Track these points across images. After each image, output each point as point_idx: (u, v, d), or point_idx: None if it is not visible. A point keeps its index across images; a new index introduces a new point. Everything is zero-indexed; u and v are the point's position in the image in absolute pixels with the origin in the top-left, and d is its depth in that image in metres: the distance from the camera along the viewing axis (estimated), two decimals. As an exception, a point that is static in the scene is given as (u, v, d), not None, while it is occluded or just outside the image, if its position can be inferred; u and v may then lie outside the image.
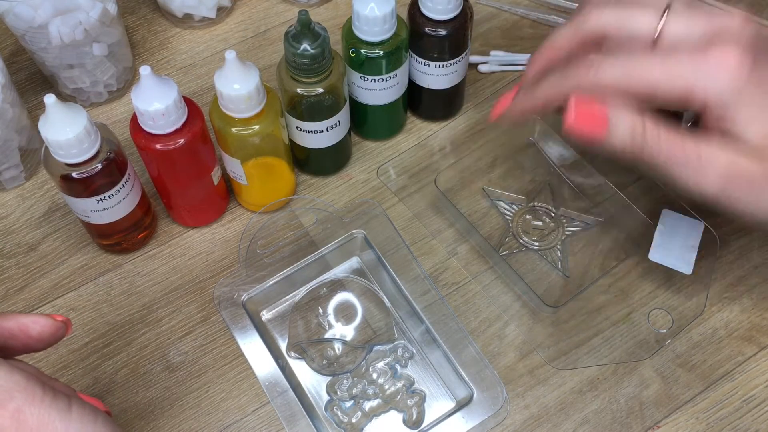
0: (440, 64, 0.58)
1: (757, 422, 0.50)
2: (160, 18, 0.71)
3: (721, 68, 0.38)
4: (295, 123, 0.56)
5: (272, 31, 0.70)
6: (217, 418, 0.51)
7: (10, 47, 0.69)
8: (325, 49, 0.51)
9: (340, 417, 0.50)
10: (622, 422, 0.50)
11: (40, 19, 0.56)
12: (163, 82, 0.49)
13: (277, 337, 0.54)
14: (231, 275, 0.54)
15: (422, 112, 0.64)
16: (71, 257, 0.58)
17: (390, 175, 0.61)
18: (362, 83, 0.57)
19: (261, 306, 0.55)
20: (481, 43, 0.69)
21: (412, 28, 0.56)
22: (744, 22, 0.40)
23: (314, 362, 0.52)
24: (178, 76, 0.67)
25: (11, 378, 0.34)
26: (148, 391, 0.52)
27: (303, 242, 0.56)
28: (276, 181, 0.58)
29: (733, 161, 0.38)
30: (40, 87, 0.67)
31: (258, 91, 0.50)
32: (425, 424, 0.50)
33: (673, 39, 0.41)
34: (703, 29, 0.40)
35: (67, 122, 0.47)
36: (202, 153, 0.53)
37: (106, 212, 0.53)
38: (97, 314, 0.55)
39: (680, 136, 0.40)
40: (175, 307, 0.55)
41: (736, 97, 0.38)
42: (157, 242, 0.59)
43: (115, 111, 0.66)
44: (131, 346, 0.54)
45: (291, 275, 0.55)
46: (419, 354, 0.53)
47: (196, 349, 0.54)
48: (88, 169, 0.50)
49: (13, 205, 0.61)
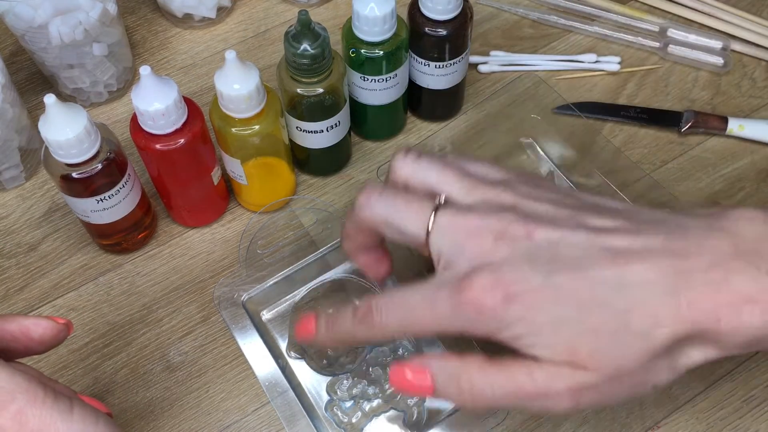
0: (440, 64, 0.58)
1: (757, 422, 0.50)
2: (160, 18, 0.71)
3: (479, 311, 0.34)
4: (295, 123, 0.56)
5: (272, 31, 0.70)
6: (217, 418, 0.51)
7: (10, 47, 0.69)
8: (325, 49, 0.51)
9: (340, 417, 0.50)
10: (622, 422, 0.50)
11: (40, 19, 0.56)
12: (163, 82, 0.49)
13: (277, 337, 0.54)
14: (231, 275, 0.54)
15: (422, 112, 0.64)
16: (71, 257, 0.58)
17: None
18: (362, 83, 0.57)
19: (261, 306, 0.55)
20: (481, 43, 0.69)
21: (412, 28, 0.56)
22: (498, 241, 0.35)
23: (314, 362, 0.52)
24: (178, 76, 0.67)
25: (13, 380, 0.34)
26: (148, 391, 0.52)
27: (303, 242, 0.56)
28: (276, 181, 0.58)
29: (569, 380, 0.34)
30: (40, 87, 0.67)
31: (258, 91, 0.50)
32: (425, 424, 0.50)
33: (437, 253, 0.37)
34: (463, 246, 0.36)
35: (67, 122, 0.47)
36: (202, 153, 0.53)
37: (106, 212, 0.53)
38: (97, 314, 0.55)
39: (511, 373, 0.35)
40: (175, 307, 0.55)
41: (512, 330, 0.34)
42: (157, 242, 0.59)
43: (115, 111, 0.66)
44: (131, 346, 0.54)
45: (291, 275, 0.55)
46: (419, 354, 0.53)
47: (196, 349, 0.54)
48: (88, 169, 0.50)
49: (13, 205, 0.61)
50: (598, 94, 0.66)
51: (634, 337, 0.34)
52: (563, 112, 0.63)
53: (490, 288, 0.34)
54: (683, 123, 0.63)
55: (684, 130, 0.63)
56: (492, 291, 0.34)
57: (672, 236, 0.35)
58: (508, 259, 0.35)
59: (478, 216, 0.36)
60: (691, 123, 0.63)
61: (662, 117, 0.64)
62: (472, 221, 0.36)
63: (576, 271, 0.34)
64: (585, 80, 0.67)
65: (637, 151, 0.62)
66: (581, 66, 0.67)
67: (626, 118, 0.64)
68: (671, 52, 0.68)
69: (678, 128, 0.63)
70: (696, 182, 0.61)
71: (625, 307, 0.34)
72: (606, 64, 0.67)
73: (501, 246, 0.35)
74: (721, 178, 0.61)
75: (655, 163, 0.62)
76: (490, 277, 0.35)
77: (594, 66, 0.67)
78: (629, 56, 0.68)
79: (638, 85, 0.67)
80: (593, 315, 0.34)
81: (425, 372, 0.37)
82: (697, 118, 0.63)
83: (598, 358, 0.34)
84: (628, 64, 0.68)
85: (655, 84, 0.67)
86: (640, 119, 0.64)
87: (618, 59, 0.67)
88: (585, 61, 0.67)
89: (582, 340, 0.34)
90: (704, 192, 0.60)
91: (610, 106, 0.65)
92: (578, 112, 0.63)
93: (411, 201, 0.39)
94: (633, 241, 0.35)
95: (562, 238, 0.35)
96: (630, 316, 0.34)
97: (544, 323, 0.34)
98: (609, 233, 0.35)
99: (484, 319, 0.35)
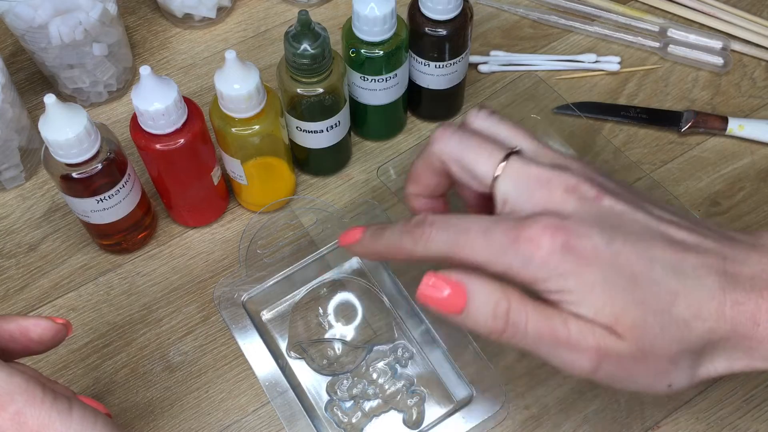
0: (440, 64, 0.58)
1: (757, 422, 0.50)
2: (160, 18, 0.71)
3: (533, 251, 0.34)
4: (295, 123, 0.56)
5: (272, 31, 0.70)
6: (217, 418, 0.51)
7: (10, 47, 0.69)
8: (325, 49, 0.51)
9: (340, 417, 0.50)
10: (622, 422, 0.50)
11: (40, 19, 0.56)
12: (163, 82, 0.49)
13: (277, 337, 0.54)
14: (231, 275, 0.54)
15: (422, 112, 0.64)
16: (71, 257, 0.58)
17: (390, 175, 0.61)
18: (362, 83, 0.57)
19: (261, 306, 0.55)
20: (481, 43, 0.69)
21: (412, 28, 0.56)
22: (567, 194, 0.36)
23: (314, 362, 0.52)
24: (178, 76, 0.67)
25: (11, 380, 0.34)
26: (148, 391, 0.52)
27: (303, 242, 0.56)
28: (276, 181, 0.58)
29: (601, 341, 0.34)
30: (40, 87, 0.67)
31: (258, 91, 0.50)
32: (425, 424, 0.50)
33: (503, 197, 0.37)
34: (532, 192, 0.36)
35: (67, 122, 0.47)
36: (202, 153, 0.53)
37: (106, 212, 0.53)
38: (97, 314, 0.55)
39: (547, 315, 0.35)
40: (175, 307, 0.55)
41: (558, 282, 0.34)
42: (157, 242, 0.59)
43: (115, 111, 0.66)
44: (131, 346, 0.54)
45: (291, 275, 0.55)
46: (419, 354, 0.53)
47: (196, 349, 0.54)
48: (88, 169, 0.50)
49: (13, 205, 0.61)
50: (598, 94, 0.66)
51: (676, 322, 0.34)
52: (563, 112, 0.63)
53: (552, 231, 0.34)
54: (683, 123, 0.63)
55: (684, 130, 0.63)
56: (553, 235, 0.34)
57: (722, 243, 0.36)
58: (575, 213, 0.35)
59: (549, 168, 0.37)
60: (691, 123, 0.63)
61: (662, 117, 0.64)
62: (544, 172, 0.36)
63: (636, 243, 0.35)
64: (585, 80, 0.67)
65: (637, 151, 0.62)
66: (581, 66, 0.67)
67: (626, 118, 0.64)
68: (671, 52, 0.68)
69: (678, 128, 0.63)
70: (696, 182, 0.61)
71: (674, 290, 0.34)
72: (606, 64, 0.67)
73: (570, 199, 0.36)
74: (721, 178, 0.61)
75: (655, 163, 0.62)
76: (555, 221, 0.34)
77: (594, 66, 0.67)
78: (629, 56, 0.68)
79: (638, 85, 0.67)
80: (644, 289, 0.34)
81: (462, 287, 0.35)
82: (697, 118, 0.63)
83: (637, 332, 0.34)
84: (628, 64, 0.68)
85: (655, 84, 0.66)
86: (640, 119, 0.64)
87: (618, 59, 0.67)
88: (585, 61, 0.67)
89: (628, 310, 0.34)
90: (704, 192, 0.60)
91: (610, 106, 0.65)
92: (578, 112, 0.63)
93: (484, 142, 0.39)
94: (688, 236, 0.36)
95: (626, 211, 0.36)
96: (677, 301, 0.34)
97: (596, 284, 0.34)
98: (668, 223, 0.36)
99: (536, 261, 0.34)
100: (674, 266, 0.34)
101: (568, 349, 0.35)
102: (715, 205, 0.59)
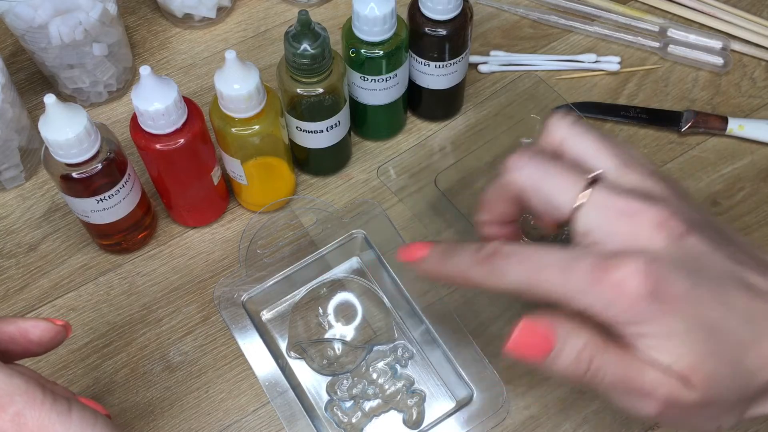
0: (440, 64, 0.58)
1: (757, 422, 0.50)
2: (160, 18, 0.71)
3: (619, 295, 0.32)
4: (295, 123, 0.56)
5: (272, 31, 0.70)
6: (217, 418, 0.51)
7: (10, 47, 0.69)
8: (325, 49, 0.51)
9: (340, 417, 0.50)
10: (622, 422, 0.50)
11: (40, 19, 0.56)
12: (163, 82, 0.49)
13: (277, 337, 0.54)
14: (231, 275, 0.54)
15: (422, 112, 0.64)
16: (71, 257, 0.58)
17: (390, 175, 0.61)
18: (362, 83, 0.57)
19: (261, 306, 0.55)
20: (481, 43, 0.69)
21: (412, 28, 0.56)
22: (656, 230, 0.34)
23: (314, 362, 0.52)
24: (178, 76, 0.67)
25: (11, 382, 0.34)
26: (148, 391, 0.52)
27: (303, 242, 0.56)
28: (276, 181, 0.59)
29: (673, 391, 0.33)
30: (40, 87, 0.67)
31: (258, 91, 0.50)
32: (425, 424, 0.50)
33: (584, 228, 0.35)
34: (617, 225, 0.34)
35: (67, 122, 0.47)
36: (202, 153, 0.53)
37: (106, 212, 0.53)
38: (97, 314, 0.55)
39: (626, 362, 0.34)
40: (175, 307, 0.55)
41: (642, 327, 0.33)
42: (157, 242, 0.59)
43: (115, 111, 0.66)
44: (131, 346, 0.54)
45: (291, 275, 0.55)
46: (419, 354, 0.53)
47: (196, 349, 0.54)
48: (88, 169, 0.50)
49: (13, 205, 0.61)
50: (598, 94, 0.66)
51: (744, 372, 0.33)
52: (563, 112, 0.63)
53: (642, 277, 0.32)
54: (683, 123, 0.63)
55: (684, 130, 0.63)
56: (642, 281, 0.32)
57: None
58: (664, 253, 0.33)
59: (636, 200, 0.34)
60: (691, 123, 0.63)
61: (662, 117, 0.64)
62: (631, 204, 0.34)
63: (716, 289, 0.33)
64: (585, 80, 0.67)
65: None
66: (581, 66, 0.67)
67: (626, 118, 0.64)
68: (671, 52, 0.68)
69: (678, 128, 0.63)
70: (696, 182, 0.61)
71: (747, 340, 0.33)
72: (606, 64, 0.67)
73: (658, 236, 0.34)
74: (721, 178, 0.61)
75: (655, 163, 0.62)
76: (643, 266, 0.32)
77: (594, 66, 0.67)
78: (629, 56, 0.68)
79: (638, 85, 0.67)
80: (720, 339, 0.33)
81: (552, 332, 0.34)
82: (697, 118, 0.63)
83: (710, 383, 0.33)
84: (628, 64, 0.68)
85: (655, 84, 0.66)
86: (640, 119, 0.64)
87: (618, 59, 0.67)
88: (585, 61, 0.67)
89: (705, 361, 0.33)
90: (704, 192, 0.60)
91: (610, 106, 0.65)
92: (578, 112, 0.63)
93: (564, 170, 0.36)
94: (763, 280, 0.34)
95: (707, 252, 0.34)
96: (748, 352, 0.33)
97: (677, 332, 0.33)
98: (744, 266, 0.34)
99: (620, 305, 0.33)
100: (748, 314, 0.33)
101: (639, 396, 0.34)
102: (715, 205, 0.59)
